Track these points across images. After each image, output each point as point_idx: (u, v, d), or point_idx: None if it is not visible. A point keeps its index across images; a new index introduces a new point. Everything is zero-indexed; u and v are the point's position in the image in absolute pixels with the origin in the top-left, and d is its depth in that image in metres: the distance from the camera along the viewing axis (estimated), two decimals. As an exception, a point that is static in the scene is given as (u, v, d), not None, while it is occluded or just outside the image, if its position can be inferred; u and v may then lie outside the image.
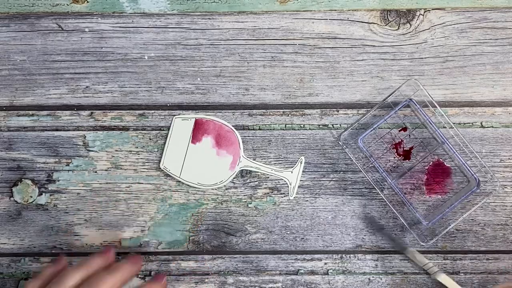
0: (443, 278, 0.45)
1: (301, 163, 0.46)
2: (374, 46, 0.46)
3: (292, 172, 0.46)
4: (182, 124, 0.46)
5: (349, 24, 0.46)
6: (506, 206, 0.46)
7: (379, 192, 0.45)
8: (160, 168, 0.47)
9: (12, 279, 0.48)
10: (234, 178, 0.47)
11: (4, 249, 0.47)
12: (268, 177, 0.47)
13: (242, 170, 0.47)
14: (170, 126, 0.47)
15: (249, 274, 0.47)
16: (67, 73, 0.47)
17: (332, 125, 0.47)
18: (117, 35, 0.47)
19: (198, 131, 0.46)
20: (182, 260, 0.47)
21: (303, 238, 0.47)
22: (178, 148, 0.46)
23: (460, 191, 0.46)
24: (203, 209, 0.47)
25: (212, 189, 0.47)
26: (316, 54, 0.46)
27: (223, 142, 0.46)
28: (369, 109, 0.46)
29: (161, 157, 0.47)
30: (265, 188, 0.47)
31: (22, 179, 0.47)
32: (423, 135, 0.46)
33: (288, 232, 0.47)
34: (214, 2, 0.46)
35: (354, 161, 0.45)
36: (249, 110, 0.47)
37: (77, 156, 0.47)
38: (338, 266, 0.47)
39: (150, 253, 0.47)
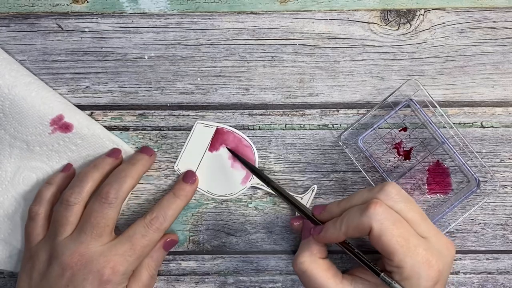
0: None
1: (312, 191, 0.46)
2: (374, 46, 0.46)
3: (302, 198, 0.46)
4: (203, 131, 0.46)
5: (349, 24, 0.46)
6: (506, 206, 0.47)
7: (379, 192, 0.45)
8: (173, 168, 0.47)
9: (13, 279, 0.48)
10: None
11: (4, 249, 0.48)
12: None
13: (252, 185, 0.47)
14: (191, 130, 0.46)
15: (249, 274, 0.47)
16: (67, 73, 0.47)
17: (332, 125, 0.47)
18: (117, 35, 0.47)
19: (217, 140, 0.46)
20: (182, 260, 0.47)
21: (303, 238, 0.47)
22: (194, 153, 0.47)
23: (460, 191, 0.46)
24: (203, 209, 0.47)
25: (221, 199, 0.47)
26: (316, 54, 0.46)
27: (240, 155, 0.46)
28: (369, 109, 0.46)
29: (161, 157, 0.47)
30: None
31: (22, 179, 0.47)
32: (423, 135, 0.46)
33: (288, 232, 0.47)
34: (214, 2, 0.46)
35: (354, 161, 0.45)
36: (249, 110, 0.47)
37: (77, 156, 0.47)
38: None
39: (150, 253, 0.47)
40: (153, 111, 0.47)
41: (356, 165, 0.45)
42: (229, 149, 0.46)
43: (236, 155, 0.46)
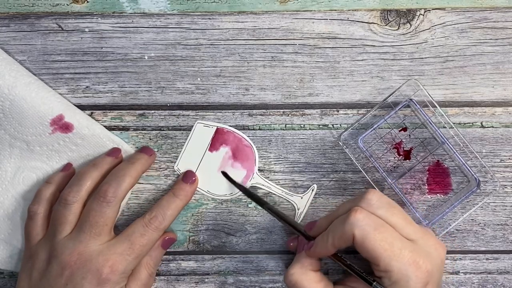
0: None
1: (312, 190, 0.46)
2: (374, 46, 0.46)
3: (302, 198, 0.46)
4: (203, 131, 0.46)
5: (349, 24, 0.46)
6: (506, 206, 0.46)
7: (379, 192, 0.45)
8: (173, 168, 0.47)
9: (13, 278, 0.48)
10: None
11: (4, 249, 0.48)
12: (268, 177, 0.47)
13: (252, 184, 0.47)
14: (191, 130, 0.46)
15: (249, 274, 0.47)
16: (67, 73, 0.47)
17: (332, 125, 0.47)
18: (117, 35, 0.47)
19: (217, 140, 0.46)
20: (182, 260, 0.47)
21: (303, 238, 0.47)
22: (194, 153, 0.47)
23: (460, 191, 0.46)
24: (203, 209, 0.47)
25: (221, 199, 0.47)
26: (316, 54, 0.46)
27: (240, 155, 0.46)
28: (369, 109, 0.46)
29: (161, 157, 0.47)
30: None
31: (22, 179, 0.47)
32: (423, 135, 0.46)
33: (288, 232, 0.47)
34: (214, 2, 0.46)
35: (354, 161, 0.45)
36: (249, 110, 0.47)
37: (77, 156, 0.47)
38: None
39: (150, 253, 0.47)
40: (153, 111, 0.47)
41: (356, 165, 0.45)
42: (223, 173, 0.46)
43: (229, 177, 0.46)
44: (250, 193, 0.45)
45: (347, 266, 0.40)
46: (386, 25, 0.46)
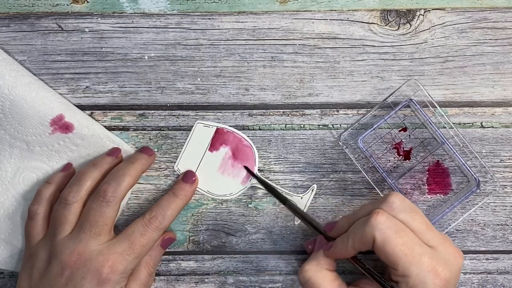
0: None
1: (312, 190, 0.46)
2: (374, 46, 0.46)
3: (302, 198, 0.46)
4: (203, 131, 0.47)
5: (349, 24, 0.46)
6: (506, 206, 0.47)
7: (379, 193, 0.45)
8: (173, 169, 0.47)
9: (13, 278, 0.48)
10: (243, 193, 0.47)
11: (4, 249, 0.48)
12: (268, 177, 0.47)
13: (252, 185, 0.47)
14: (191, 130, 0.47)
15: (249, 274, 0.47)
16: (67, 73, 0.47)
17: (332, 125, 0.47)
18: (117, 35, 0.47)
19: (217, 140, 0.46)
20: (182, 260, 0.47)
21: (303, 238, 0.47)
22: (194, 153, 0.47)
23: (460, 191, 0.46)
24: (203, 209, 0.47)
25: (221, 199, 0.47)
26: (316, 54, 0.46)
27: (240, 155, 0.46)
28: (369, 109, 0.46)
29: (161, 157, 0.47)
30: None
31: (22, 179, 0.47)
32: (423, 135, 0.46)
33: (288, 232, 0.47)
34: (214, 2, 0.46)
35: (354, 161, 0.45)
36: (249, 110, 0.47)
37: (77, 156, 0.47)
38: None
39: (150, 253, 0.47)
40: (153, 111, 0.47)
41: (356, 165, 0.45)
42: (245, 167, 0.46)
43: (251, 172, 0.46)
44: (272, 189, 0.44)
45: (366, 270, 0.39)
46: (386, 25, 0.46)
